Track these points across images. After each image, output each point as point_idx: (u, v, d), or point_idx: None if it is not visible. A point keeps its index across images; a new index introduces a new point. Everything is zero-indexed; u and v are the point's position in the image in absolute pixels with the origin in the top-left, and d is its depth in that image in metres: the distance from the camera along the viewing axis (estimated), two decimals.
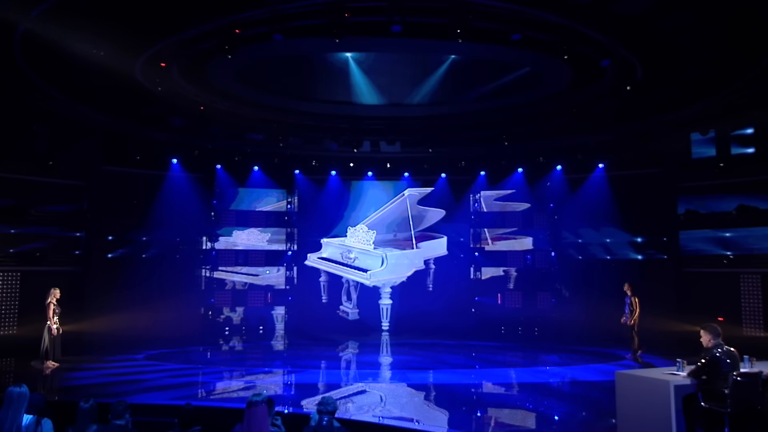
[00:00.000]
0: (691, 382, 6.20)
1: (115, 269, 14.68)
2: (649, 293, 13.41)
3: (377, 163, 16.90)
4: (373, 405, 8.72)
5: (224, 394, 9.51)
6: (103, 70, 10.27)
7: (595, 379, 10.33)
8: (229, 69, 11.49)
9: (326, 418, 4.83)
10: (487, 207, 17.16)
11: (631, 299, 11.97)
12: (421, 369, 11.52)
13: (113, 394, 8.38)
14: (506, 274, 16.89)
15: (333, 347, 14.15)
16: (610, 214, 15.22)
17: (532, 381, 10.38)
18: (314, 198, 17.19)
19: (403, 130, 15.29)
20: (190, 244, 16.18)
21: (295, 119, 14.57)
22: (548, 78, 11.93)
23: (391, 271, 14.82)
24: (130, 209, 15.07)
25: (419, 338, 14.96)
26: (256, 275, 16.91)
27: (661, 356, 11.59)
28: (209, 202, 16.50)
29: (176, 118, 13.80)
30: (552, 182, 16.37)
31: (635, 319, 11.85)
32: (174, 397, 8.51)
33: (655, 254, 15.03)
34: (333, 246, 15.98)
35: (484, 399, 9.55)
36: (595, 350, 13.04)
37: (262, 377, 10.80)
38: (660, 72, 10.81)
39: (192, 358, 12.50)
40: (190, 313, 15.66)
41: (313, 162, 16.88)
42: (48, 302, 10.94)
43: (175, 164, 15.81)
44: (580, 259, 16.05)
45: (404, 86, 13.14)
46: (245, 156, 16.46)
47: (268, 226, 17.11)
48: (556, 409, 8.40)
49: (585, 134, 14.87)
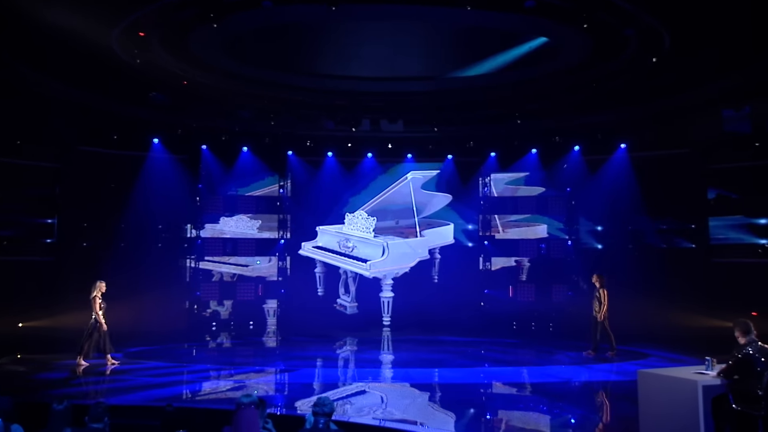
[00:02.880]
0: (721, 382, 6.19)
1: (90, 259, 14.65)
2: (674, 285, 13.42)
3: (378, 143, 16.84)
4: (373, 406, 8.73)
5: (211, 395, 9.52)
6: (76, 40, 10.19)
7: (616, 379, 10.35)
8: (215, 39, 11.39)
9: (322, 421, 4.83)
10: (498, 191, 17.13)
11: (599, 291, 11.98)
12: (425, 367, 11.53)
13: (90, 395, 8.39)
14: (518, 265, 16.89)
15: (330, 344, 14.16)
16: (633, 199, 15.18)
17: (547, 380, 10.39)
18: (309, 182, 17.15)
19: (406, 107, 15.22)
20: (173, 232, 16.18)
21: (287, 95, 14.50)
22: (565, 49, 11.84)
23: (392, 261, 14.83)
24: (107, 194, 15.04)
25: (423, 334, 14.99)
26: (246, 266, 16.91)
27: (688, 353, 11.60)
28: (194, 186, 16.46)
29: (157, 93, 13.72)
30: (569, 164, 16.32)
31: (604, 313, 11.87)
32: (156, 398, 8.51)
33: (682, 243, 15.03)
34: (329, 234, 15.96)
35: (493, 400, 9.56)
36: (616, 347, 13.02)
37: (253, 376, 10.80)
38: (689, 42, 10.71)
39: (176, 355, 12.55)
40: (174, 307, 15.69)
41: (307, 142, 16.82)
42: (93, 296, 11.00)
43: (157, 144, 15.75)
44: (600, 248, 16.04)
45: (407, 59, 13.04)
46: (233, 135, 16.39)
47: (259, 212, 17.07)
48: (573, 412, 8.41)
49: (605, 111, 14.79)
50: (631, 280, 13.98)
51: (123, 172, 15.20)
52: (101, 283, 11.15)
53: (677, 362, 11.03)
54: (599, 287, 12.02)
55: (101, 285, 11.14)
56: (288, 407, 8.32)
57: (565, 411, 8.46)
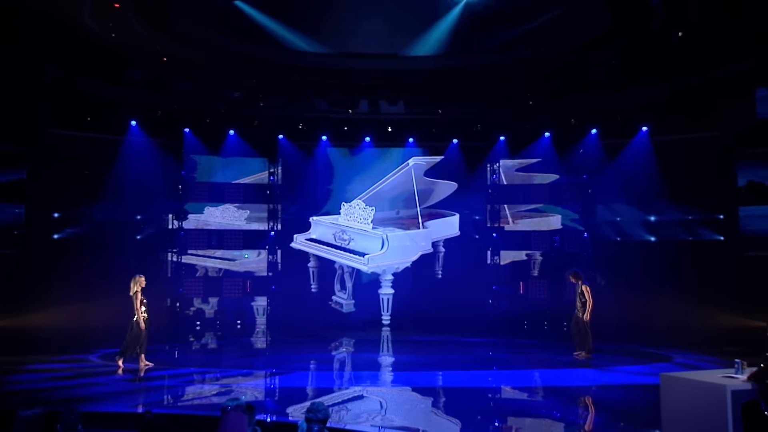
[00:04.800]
0: (752, 387, 6.16)
1: (62, 252, 14.67)
2: (701, 281, 13.39)
3: (376, 126, 16.81)
4: (371, 413, 8.74)
5: (195, 400, 9.52)
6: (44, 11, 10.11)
7: (636, 383, 10.34)
8: (197, 9, 11.32)
9: (316, 428, 4.82)
10: (508, 179, 17.11)
11: (581, 289, 11.98)
12: (427, 370, 11.53)
13: (61, 401, 8.38)
14: (530, 259, 16.89)
15: (324, 345, 14.18)
16: (655, 186, 15.15)
17: (560, 384, 10.39)
18: (301, 168, 17.12)
19: (408, 86, 15.19)
20: (153, 223, 16.14)
21: (278, 73, 14.45)
22: (582, 22, 11.78)
23: (392, 255, 14.81)
24: (80, 181, 14.97)
25: (426, 334, 15.01)
26: (233, 260, 16.91)
27: (715, 355, 11.60)
28: (176, 172, 16.42)
29: (134, 71, 13.67)
30: (586, 149, 16.29)
31: (589, 312, 11.85)
32: (134, 404, 8.53)
33: (709, 234, 15.02)
34: (324, 225, 15.96)
35: (502, 406, 9.58)
36: (636, 348, 13.04)
37: (240, 380, 10.82)
38: (720, 14, 10.64)
39: (156, 357, 12.44)
40: (154, 305, 15.27)
41: (299, 125, 16.80)
42: (134, 292, 10.97)
43: (135, 127, 15.67)
44: (619, 240, 16.05)
45: (409, 33, 12.99)
46: (218, 118, 16.34)
47: (247, 201, 17.05)
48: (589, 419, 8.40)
49: (626, 91, 14.76)
50: (652, 275, 13.99)
51: (97, 157, 15.13)
52: (140, 278, 11.05)
53: (703, 365, 11.00)
54: (580, 284, 12.01)
55: (141, 279, 11.04)
56: (279, 413, 8.30)
57: (581, 418, 8.46)
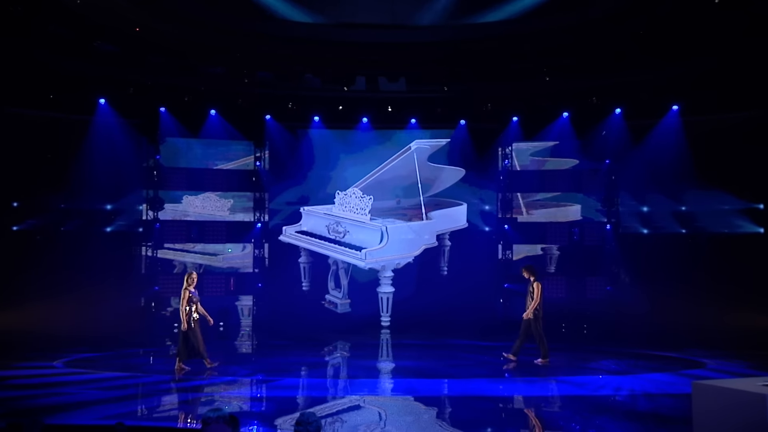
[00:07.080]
0: None
1: (23, 246, 14.71)
2: (737, 278, 13.35)
3: (375, 105, 16.83)
4: (369, 424, 8.71)
5: (172, 411, 9.53)
6: None
7: (665, 391, 10.34)
8: None
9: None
10: (522, 164, 17.16)
11: (532, 285, 12.15)
12: (431, 377, 11.55)
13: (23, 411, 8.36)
14: (546, 254, 16.94)
15: (317, 349, 14.23)
16: (686, 172, 15.15)
17: (579, 393, 10.37)
18: (291, 152, 17.17)
19: (410, 61, 15.14)
20: (125, 214, 16.17)
21: (265, 46, 14.38)
22: None
23: (392, 249, 14.82)
24: (42, 166, 14.95)
25: (429, 338, 15.07)
26: (215, 255, 16.95)
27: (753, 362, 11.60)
28: (150, 156, 16.41)
29: (103, 42, 13.59)
30: (609, 131, 16.30)
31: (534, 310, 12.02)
32: (104, 416, 8.48)
33: (747, 226, 15.05)
34: (316, 216, 15.96)
35: (515, 417, 9.57)
36: (665, 354, 13.07)
37: (223, 388, 10.82)
38: None
39: (129, 363, 12.56)
40: (127, 305, 15.67)
41: (289, 104, 16.80)
42: (184, 288, 11.44)
43: (104, 105, 15.67)
44: (645, 233, 16.06)
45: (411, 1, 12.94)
46: (198, 95, 16.34)
47: (230, 189, 17.11)
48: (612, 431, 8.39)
49: (653, 66, 14.71)
50: (683, 271, 13.96)
51: (63, 139, 15.15)
52: (193, 274, 11.64)
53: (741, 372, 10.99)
54: (532, 281, 12.17)
55: (192, 275, 11.59)
56: (266, 425, 8.30)
57: (603, 430, 8.44)
